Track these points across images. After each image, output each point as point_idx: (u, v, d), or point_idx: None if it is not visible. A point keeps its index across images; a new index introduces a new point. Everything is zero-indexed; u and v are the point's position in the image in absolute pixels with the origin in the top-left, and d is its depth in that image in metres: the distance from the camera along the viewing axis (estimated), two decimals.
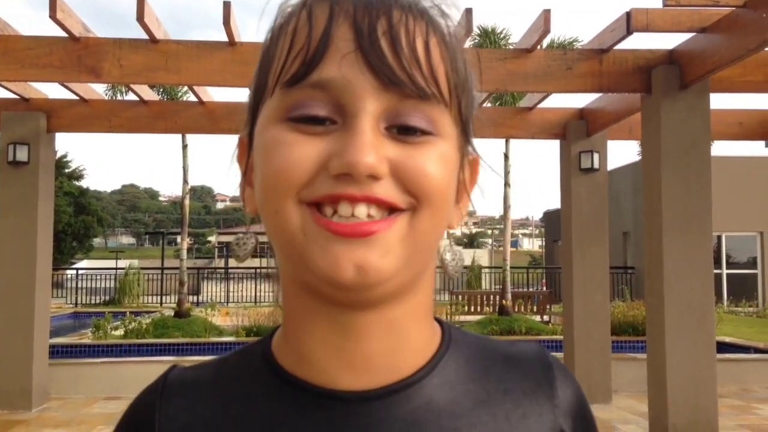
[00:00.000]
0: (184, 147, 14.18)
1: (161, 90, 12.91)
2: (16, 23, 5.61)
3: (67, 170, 34.14)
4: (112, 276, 19.25)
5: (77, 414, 7.12)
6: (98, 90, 7.81)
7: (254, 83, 0.61)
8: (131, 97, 7.72)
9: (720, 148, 19.72)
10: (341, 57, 0.52)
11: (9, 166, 7.14)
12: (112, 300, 17.79)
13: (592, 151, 7.58)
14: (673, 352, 5.47)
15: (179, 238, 14.83)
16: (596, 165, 7.60)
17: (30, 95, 7.22)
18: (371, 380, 0.58)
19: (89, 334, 10.68)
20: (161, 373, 0.66)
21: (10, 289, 7.08)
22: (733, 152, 21.18)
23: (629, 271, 18.76)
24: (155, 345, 10.14)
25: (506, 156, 13.39)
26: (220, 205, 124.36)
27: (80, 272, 20.43)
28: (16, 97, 7.16)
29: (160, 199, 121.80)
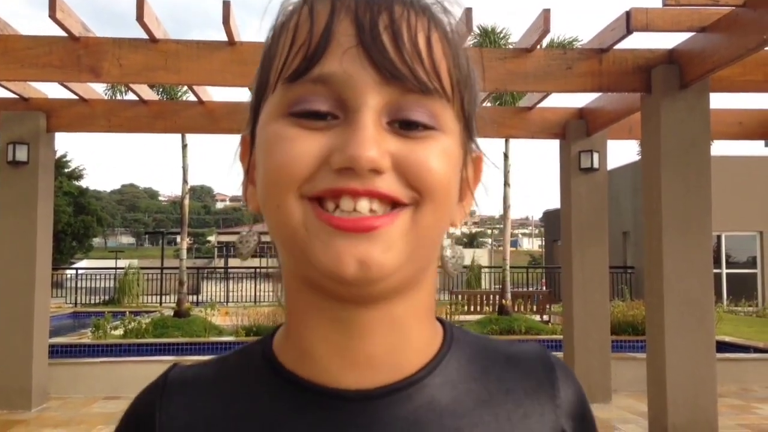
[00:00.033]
0: (184, 147, 14.18)
1: (161, 90, 12.91)
2: (15, 23, 5.61)
3: (66, 170, 34.12)
4: (111, 276, 19.24)
5: (77, 414, 7.12)
6: (98, 90, 7.81)
7: (256, 81, 0.61)
8: (131, 96, 7.71)
9: (720, 148, 19.69)
10: (343, 52, 0.52)
11: (8, 165, 7.13)
12: (112, 300, 17.80)
13: (591, 151, 7.58)
14: (673, 352, 5.47)
15: (179, 238, 14.83)
16: (596, 165, 7.60)
17: (29, 95, 7.22)
18: (373, 379, 0.58)
19: (89, 334, 10.67)
20: (162, 372, 0.66)
21: (9, 289, 7.08)
22: (733, 152, 21.19)
23: (629, 270, 18.76)
24: (155, 345, 10.14)
25: (506, 155, 13.40)
26: (219, 205, 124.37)
27: (80, 272, 20.43)
28: (16, 96, 7.15)
29: (159, 198, 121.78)
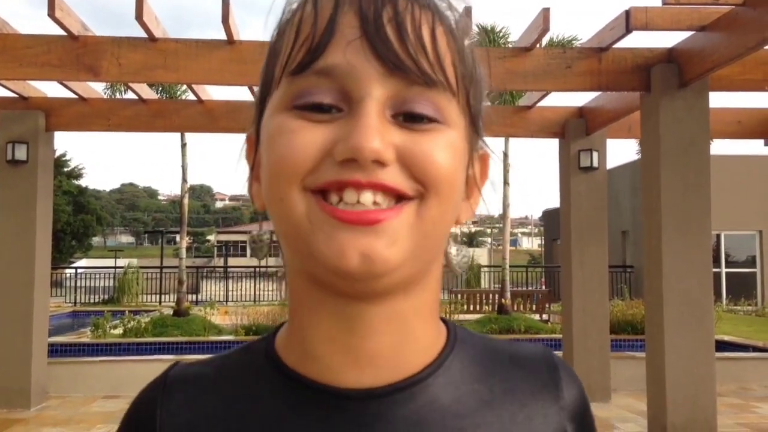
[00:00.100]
0: (183, 146, 14.17)
1: (160, 89, 12.90)
2: (15, 23, 5.60)
3: (66, 169, 34.14)
4: (111, 275, 19.24)
5: (76, 413, 7.12)
6: (97, 89, 7.80)
7: (261, 78, 0.61)
8: (130, 95, 7.71)
9: (719, 147, 19.68)
10: (346, 43, 0.52)
11: (8, 164, 7.13)
12: (111, 299, 17.80)
13: (591, 150, 7.58)
14: (672, 351, 5.47)
15: (178, 237, 14.83)
16: (595, 164, 7.60)
17: (29, 94, 7.22)
18: (376, 378, 0.58)
19: (88, 333, 10.67)
20: (163, 370, 0.66)
21: (9, 288, 7.08)
22: (732, 151, 21.16)
23: (628, 269, 18.77)
24: (154, 344, 10.14)
25: (505, 155, 13.41)
26: (219, 204, 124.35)
27: (79, 271, 20.42)
28: (15, 95, 7.15)
29: (159, 198, 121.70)
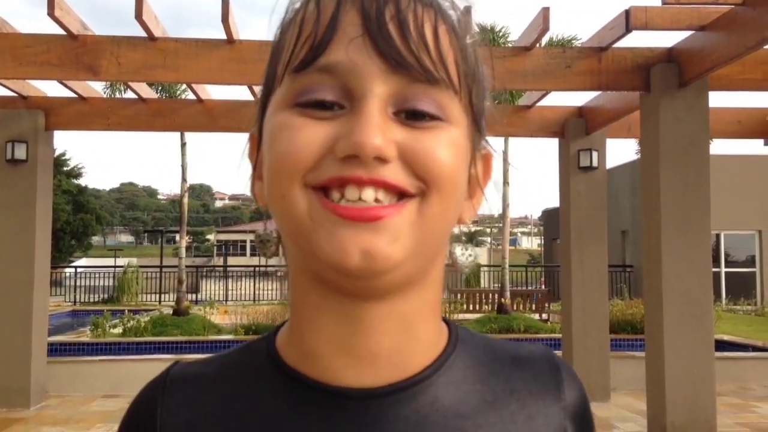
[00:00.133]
0: (183, 145, 14.17)
1: (160, 88, 12.90)
2: (15, 23, 5.60)
3: (65, 168, 34.11)
4: (110, 274, 19.23)
5: (76, 412, 7.12)
6: (97, 88, 7.80)
7: (264, 78, 0.61)
8: (130, 95, 7.71)
9: (719, 147, 19.71)
10: (349, 41, 0.52)
11: (7, 164, 7.13)
12: (111, 298, 17.79)
13: (591, 150, 7.58)
14: (672, 351, 5.47)
15: (178, 237, 14.83)
16: (595, 163, 7.60)
17: (28, 93, 7.22)
18: (377, 377, 0.58)
19: (88, 332, 10.68)
20: (164, 369, 0.66)
21: (8, 287, 7.08)
22: (732, 150, 21.18)
23: (628, 269, 18.77)
24: (154, 343, 10.14)
25: (505, 154, 13.42)
26: (218, 204, 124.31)
27: (79, 270, 20.41)
28: (15, 94, 7.15)
29: (158, 197, 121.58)
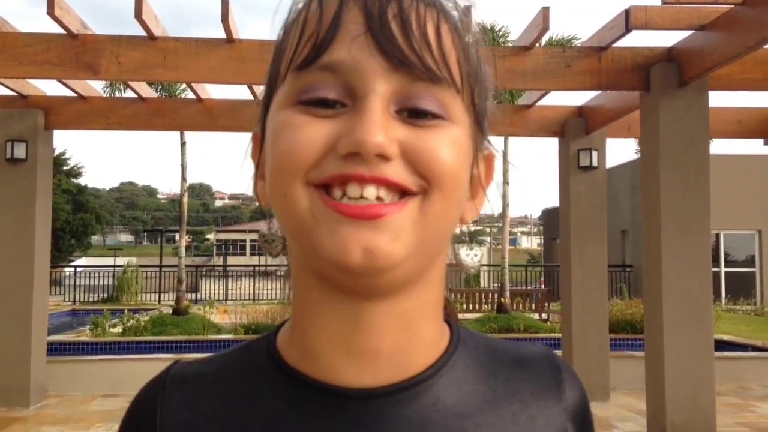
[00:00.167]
0: (183, 144, 14.16)
1: (159, 87, 12.89)
2: (15, 23, 5.59)
3: (65, 167, 34.09)
4: (110, 273, 19.24)
5: (75, 411, 7.12)
6: (96, 87, 7.80)
7: (267, 77, 0.61)
8: (129, 94, 7.70)
9: (718, 146, 19.72)
10: (351, 39, 0.53)
11: (7, 163, 7.13)
12: (111, 297, 17.80)
13: (590, 149, 7.58)
14: (672, 350, 5.47)
15: (177, 236, 14.83)
16: (595, 163, 7.59)
17: (28, 92, 7.22)
18: (378, 377, 0.57)
19: (87, 332, 10.67)
20: (164, 368, 0.66)
21: (8, 287, 7.07)
22: (732, 150, 21.18)
23: (627, 269, 18.78)
24: (153, 342, 10.14)
25: (505, 154, 13.43)
26: (218, 203, 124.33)
27: (78, 270, 20.40)
28: (14, 94, 7.14)
29: (158, 196, 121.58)
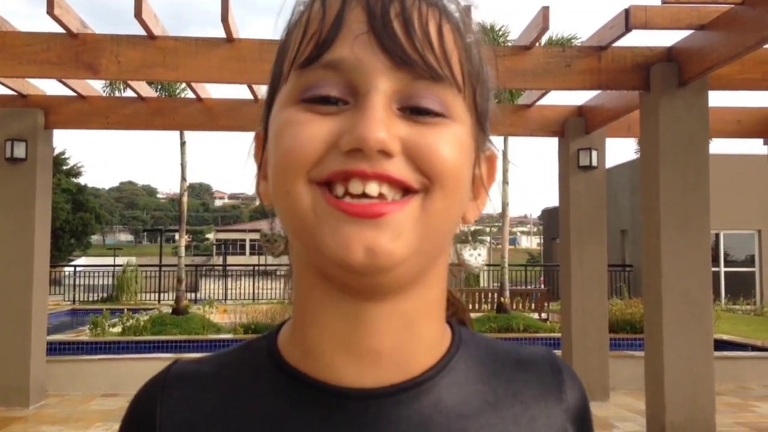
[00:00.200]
0: (182, 144, 14.16)
1: (159, 87, 12.89)
2: (15, 23, 5.58)
3: (65, 167, 34.10)
4: (110, 273, 19.24)
5: (75, 411, 7.12)
6: (96, 86, 7.80)
7: (270, 77, 0.62)
8: (129, 93, 7.70)
9: (718, 146, 19.72)
10: (354, 38, 0.53)
11: (7, 162, 7.12)
12: (110, 297, 17.80)
13: (590, 149, 7.58)
14: (671, 350, 5.47)
15: (177, 236, 14.83)
16: (594, 162, 7.59)
17: (27, 92, 7.21)
18: (379, 377, 0.57)
19: (87, 331, 10.67)
20: (164, 367, 0.66)
21: (7, 286, 7.07)
22: (732, 150, 21.18)
23: (627, 268, 18.78)
24: (153, 342, 10.14)
25: (504, 153, 13.43)
26: (218, 203, 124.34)
27: (78, 269, 20.41)
28: (14, 93, 7.14)
29: (158, 196, 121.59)
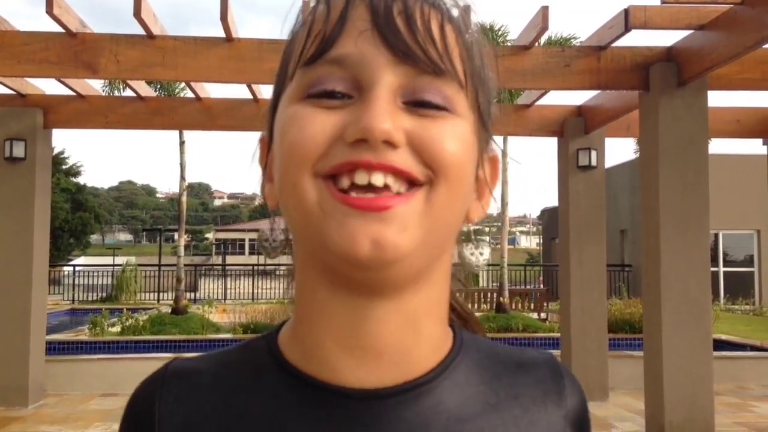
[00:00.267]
0: (182, 143, 14.15)
1: (158, 86, 12.87)
2: (14, 21, 5.58)
3: (64, 166, 34.09)
4: (109, 273, 19.24)
5: (74, 410, 7.12)
6: (95, 86, 7.79)
7: (275, 82, 0.62)
8: (128, 93, 7.70)
9: (717, 146, 19.72)
10: (358, 34, 0.54)
11: (6, 162, 7.12)
12: (109, 297, 17.79)
13: (589, 149, 7.58)
14: (670, 350, 5.47)
15: (176, 235, 14.82)
16: (594, 162, 7.60)
17: (27, 91, 7.21)
18: (380, 378, 0.57)
19: (86, 331, 10.66)
20: (163, 365, 0.65)
21: (6, 286, 7.07)
22: (731, 150, 21.19)
23: (626, 268, 18.77)
24: (152, 342, 10.13)
25: (504, 153, 13.43)
26: (217, 202, 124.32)
27: (77, 269, 20.42)
28: (13, 92, 7.13)
29: (157, 195, 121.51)
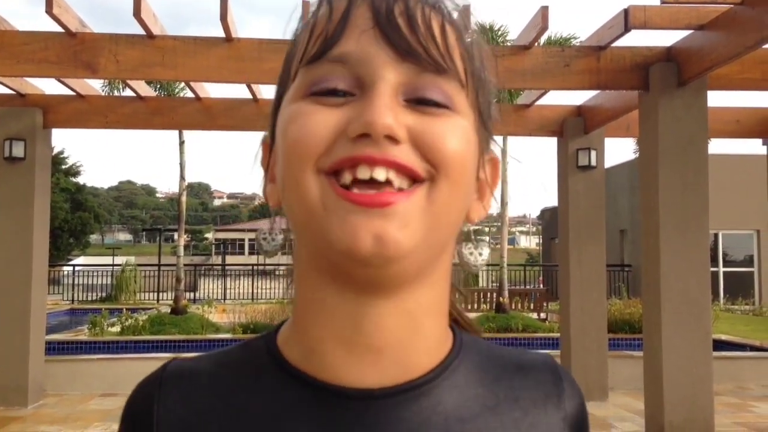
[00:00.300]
0: (181, 143, 14.15)
1: (158, 86, 12.87)
2: (15, 22, 5.57)
3: (63, 166, 34.08)
4: (108, 272, 19.24)
5: (73, 410, 7.11)
6: (95, 86, 7.79)
7: (277, 84, 0.63)
8: (128, 93, 7.70)
9: (717, 146, 19.72)
10: (360, 33, 0.55)
11: (5, 162, 7.12)
12: (109, 296, 17.79)
13: (589, 149, 7.58)
14: (670, 350, 5.47)
15: (176, 235, 14.82)
16: (593, 162, 7.60)
17: (26, 91, 7.20)
18: (380, 378, 0.57)
19: (86, 331, 10.66)
20: (161, 365, 0.65)
21: (6, 286, 7.06)
22: (731, 150, 21.20)
23: (626, 268, 18.77)
24: (152, 342, 10.13)
25: (504, 152, 13.44)
26: (217, 202, 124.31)
27: (77, 269, 20.40)
28: (12, 92, 7.13)
29: (157, 195, 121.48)
